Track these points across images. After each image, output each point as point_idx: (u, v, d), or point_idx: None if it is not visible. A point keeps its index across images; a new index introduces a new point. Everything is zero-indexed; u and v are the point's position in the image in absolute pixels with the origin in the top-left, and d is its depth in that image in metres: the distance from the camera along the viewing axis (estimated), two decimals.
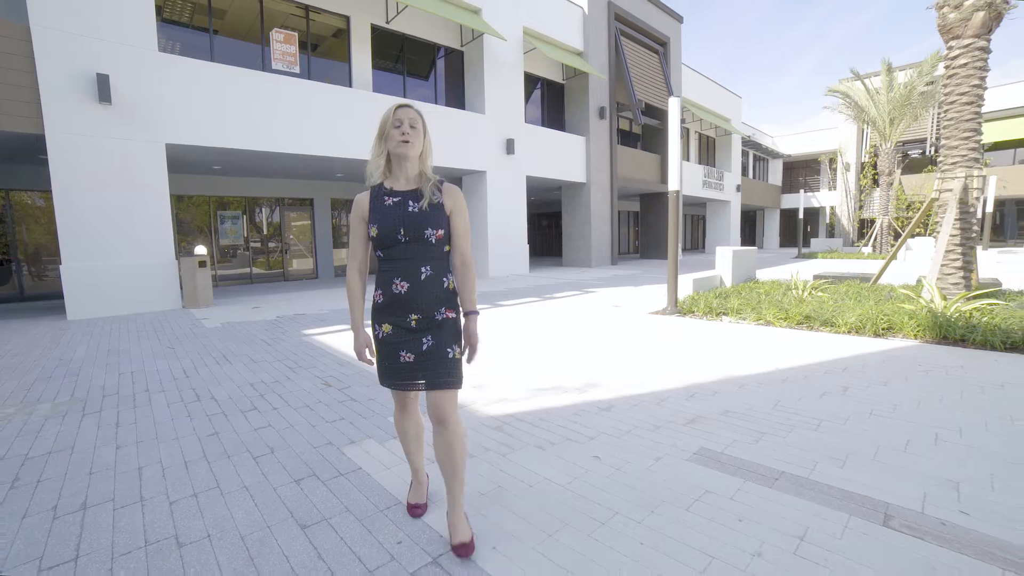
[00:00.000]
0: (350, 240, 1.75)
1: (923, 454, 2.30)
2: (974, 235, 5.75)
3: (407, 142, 1.64)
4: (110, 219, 7.25)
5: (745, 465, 2.24)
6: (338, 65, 11.13)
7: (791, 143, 33.95)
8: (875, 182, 27.13)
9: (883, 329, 4.93)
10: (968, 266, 5.77)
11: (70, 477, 2.28)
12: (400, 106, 1.68)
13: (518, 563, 1.61)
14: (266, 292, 10.48)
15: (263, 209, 13.16)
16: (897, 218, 23.04)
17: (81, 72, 6.82)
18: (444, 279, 1.70)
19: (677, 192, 6.22)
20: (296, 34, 10.05)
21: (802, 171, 34.62)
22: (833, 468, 2.19)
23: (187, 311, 7.70)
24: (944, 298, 5.15)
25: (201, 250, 8.36)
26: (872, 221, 27.73)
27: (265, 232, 13.22)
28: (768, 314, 5.72)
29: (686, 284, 7.64)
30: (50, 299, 9.71)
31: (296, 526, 1.85)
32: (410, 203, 1.66)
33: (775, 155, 33.35)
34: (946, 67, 5.66)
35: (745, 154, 29.85)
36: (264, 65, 9.73)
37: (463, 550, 1.64)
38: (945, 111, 5.72)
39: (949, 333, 4.51)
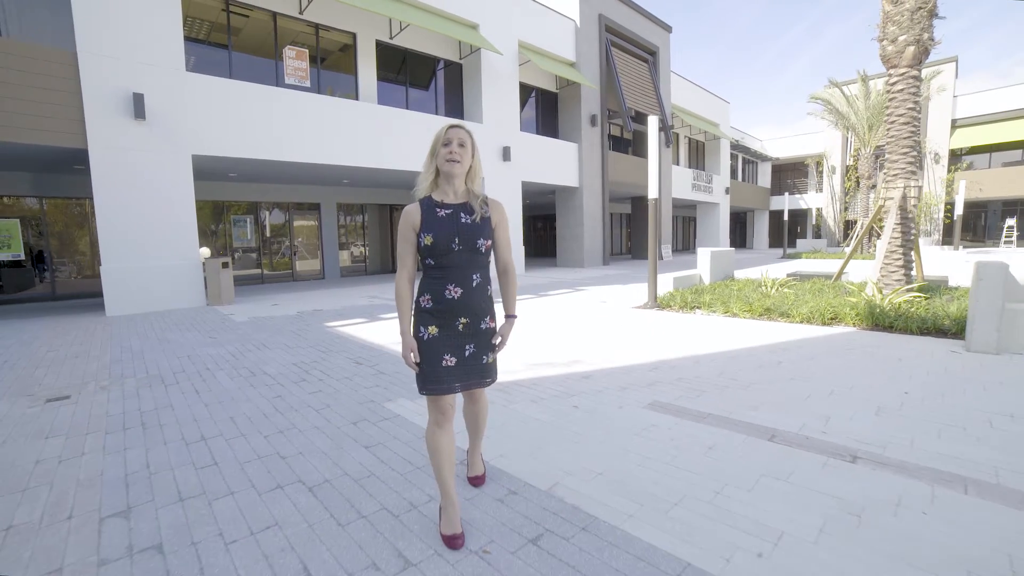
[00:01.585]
0: (399, 249, 1.82)
1: (817, 402, 3.10)
2: (913, 237, 6.57)
3: (455, 161, 1.76)
4: (143, 224, 7.99)
5: (684, 411, 3.03)
6: (345, 77, 11.90)
7: (779, 146, 34.97)
8: (858, 185, 28.11)
9: (829, 319, 5.74)
10: (909, 264, 6.60)
11: (181, 423, 3.05)
12: (452, 126, 1.79)
13: (516, 463, 2.39)
14: (279, 291, 11.22)
15: (273, 213, 13.89)
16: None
17: (120, 92, 7.56)
18: (488, 287, 1.86)
19: (656, 200, 7.02)
20: (307, 50, 10.81)
21: (790, 174, 35.66)
22: (748, 411, 2.98)
23: (213, 308, 8.44)
24: (881, 292, 5.97)
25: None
26: (856, 222, 28.70)
27: (269, 234, 13.94)
28: (735, 307, 6.52)
29: (667, 282, 8.44)
30: (81, 298, 10.41)
31: (361, 447, 2.63)
32: (462, 215, 1.78)
33: (764, 158, 34.35)
34: (887, 92, 6.49)
35: (734, 157, 30.79)
36: (277, 79, 10.48)
37: (477, 481, 2.17)
38: (887, 130, 6.56)
39: (880, 321, 5.33)
